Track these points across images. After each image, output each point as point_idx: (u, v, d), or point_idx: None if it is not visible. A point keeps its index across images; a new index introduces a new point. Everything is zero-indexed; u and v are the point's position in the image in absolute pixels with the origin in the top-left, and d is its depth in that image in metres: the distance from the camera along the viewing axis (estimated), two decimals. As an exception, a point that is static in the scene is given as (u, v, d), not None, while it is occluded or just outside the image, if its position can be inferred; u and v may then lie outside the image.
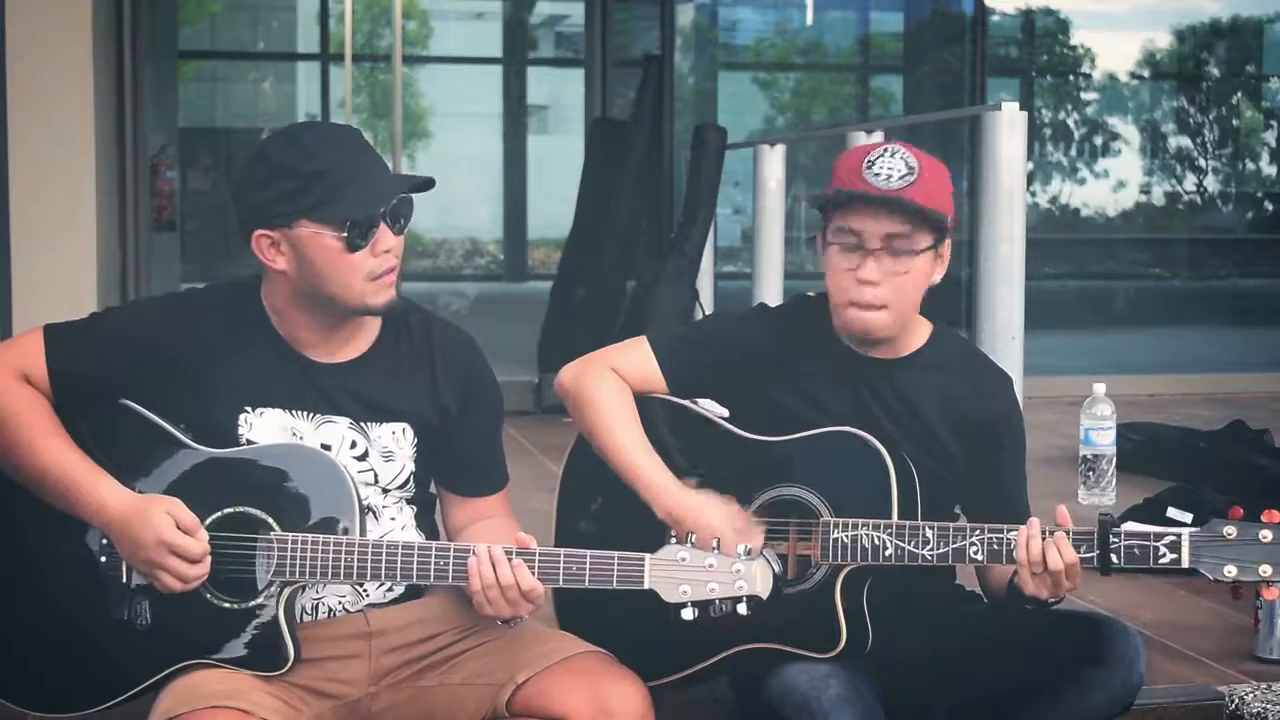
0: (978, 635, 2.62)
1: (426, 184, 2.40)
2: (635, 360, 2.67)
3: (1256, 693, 2.91)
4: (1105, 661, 2.48)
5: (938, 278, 2.59)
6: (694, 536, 2.30)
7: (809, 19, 11.82)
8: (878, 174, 2.51)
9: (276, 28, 12.12)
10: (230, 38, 11.78)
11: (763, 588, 2.25)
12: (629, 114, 7.63)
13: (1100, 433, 4.58)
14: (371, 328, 2.48)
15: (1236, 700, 2.90)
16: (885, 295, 2.52)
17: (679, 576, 2.26)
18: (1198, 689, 3.00)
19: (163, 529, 2.27)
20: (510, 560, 2.29)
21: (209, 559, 2.30)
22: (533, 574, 2.30)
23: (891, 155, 2.53)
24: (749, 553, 2.26)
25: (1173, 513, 3.70)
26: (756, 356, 2.65)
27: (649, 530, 2.54)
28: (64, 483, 2.32)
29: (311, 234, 2.34)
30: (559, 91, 11.33)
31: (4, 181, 6.60)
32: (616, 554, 2.30)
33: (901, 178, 2.50)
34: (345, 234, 2.33)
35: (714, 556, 2.26)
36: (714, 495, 2.50)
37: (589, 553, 2.32)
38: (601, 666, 2.40)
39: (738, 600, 2.25)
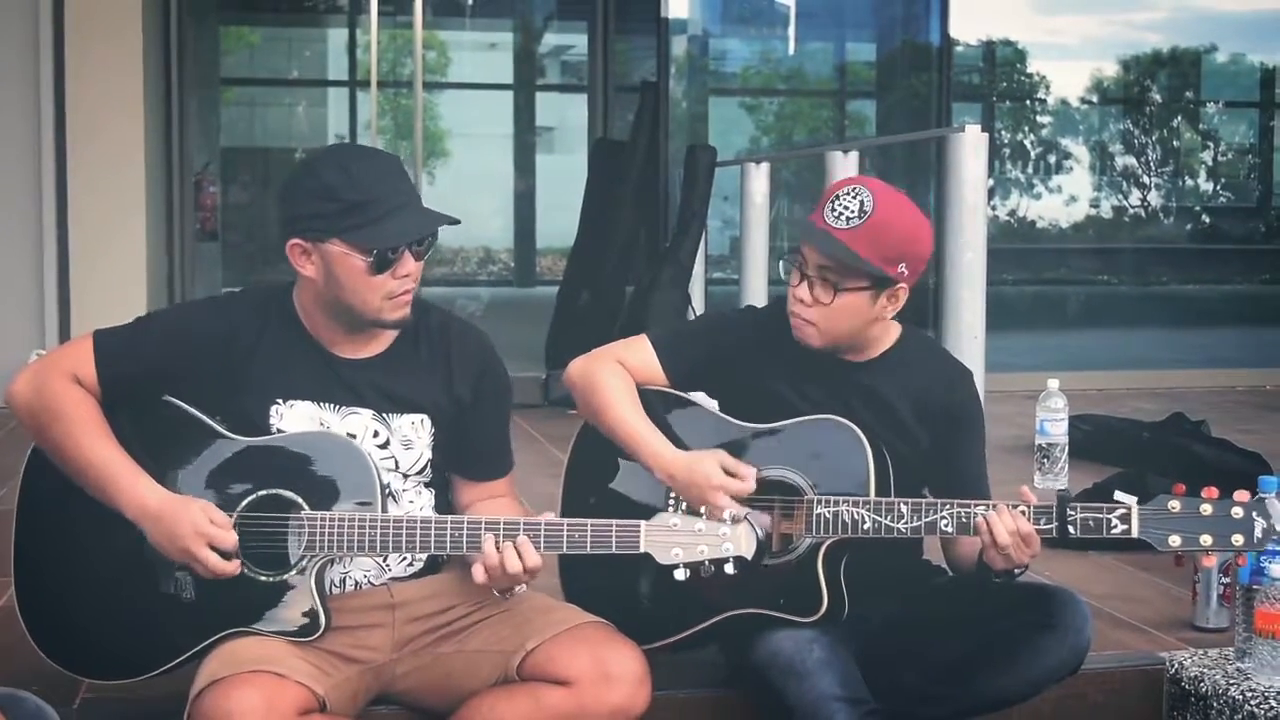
0: (942, 604, 2.63)
1: (452, 222, 2.39)
2: (637, 354, 2.67)
3: (1194, 658, 2.91)
4: (1056, 628, 2.49)
5: (887, 314, 2.56)
6: (684, 505, 2.29)
7: (791, 49, 11.80)
8: (833, 210, 2.49)
9: (309, 57, 12.10)
10: (267, 66, 11.77)
11: (747, 549, 2.25)
12: (628, 135, 7.62)
13: (1054, 423, 4.57)
14: (393, 327, 2.47)
15: (1176, 665, 2.90)
16: (813, 316, 2.53)
17: (671, 540, 2.27)
18: (1141, 655, 3.00)
19: (200, 522, 2.28)
20: (514, 541, 2.29)
21: (237, 560, 2.30)
22: (538, 549, 2.31)
23: (853, 196, 2.49)
24: (734, 518, 2.26)
25: (1119, 496, 3.68)
26: (745, 350, 2.65)
27: (643, 510, 2.54)
28: (105, 478, 2.32)
29: (341, 252, 2.33)
30: (564, 114, 11.30)
31: (63, 196, 6.61)
32: (615, 522, 2.31)
33: (849, 220, 2.47)
34: (371, 258, 2.33)
35: (702, 522, 2.26)
36: (705, 451, 2.50)
37: (589, 521, 2.32)
38: (603, 635, 2.40)
39: (725, 561, 2.25)
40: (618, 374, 2.63)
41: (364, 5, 9.11)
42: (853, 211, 2.48)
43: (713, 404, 2.70)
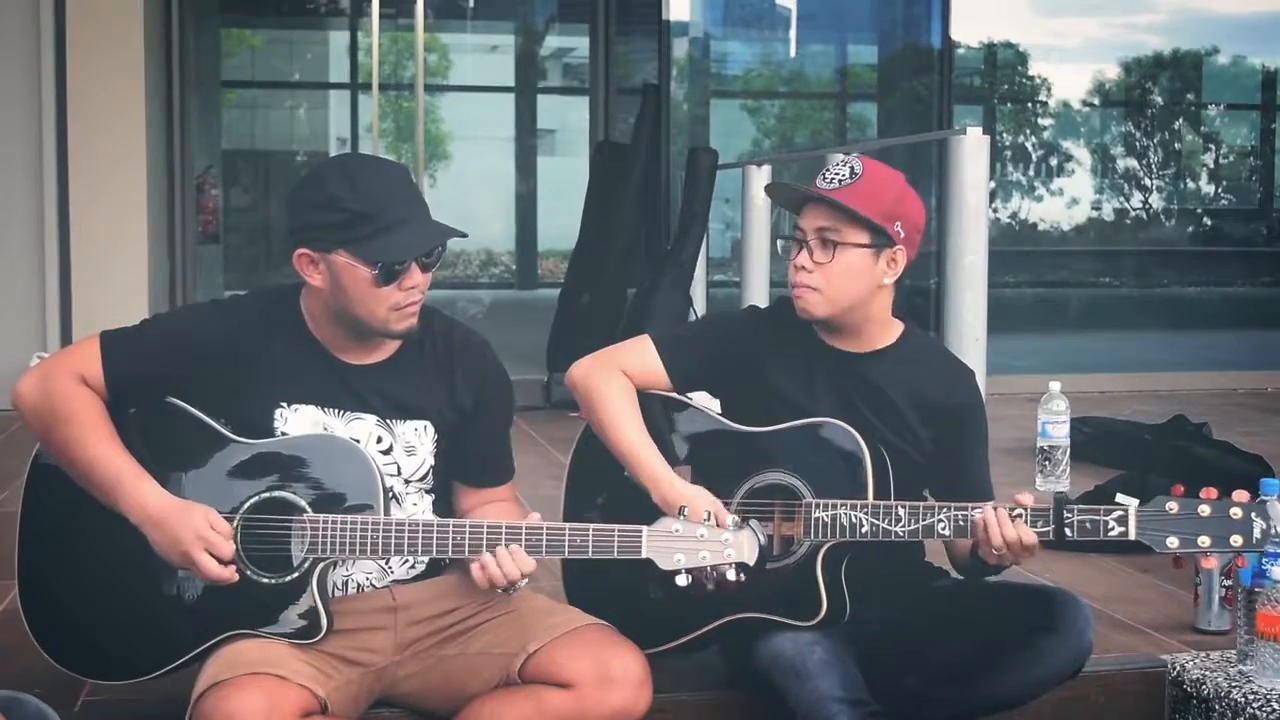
0: (943, 606, 2.63)
1: (459, 235, 2.39)
2: (640, 356, 2.67)
3: (1195, 661, 2.91)
4: (1058, 630, 2.49)
5: (886, 280, 2.59)
6: (686, 509, 2.29)
7: (792, 51, 11.82)
8: (824, 176, 2.57)
9: (310, 60, 12.11)
10: (269, 68, 11.77)
11: (749, 555, 2.25)
12: (629, 137, 7.62)
13: (1055, 426, 4.58)
14: (398, 333, 2.47)
15: (1178, 668, 2.90)
16: (816, 280, 2.55)
17: (673, 546, 2.27)
18: (1142, 658, 3.00)
19: (200, 528, 2.28)
20: (507, 547, 2.30)
21: (234, 567, 2.30)
22: (541, 554, 2.31)
23: (843, 163, 2.57)
24: (736, 524, 2.27)
25: (1120, 498, 3.69)
26: (748, 350, 2.66)
27: (646, 514, 2.54)
28: (109, 480, 2.32)
29: (346, 263, 2.33)
30: (566, 117, 11.31)
31: (65, 199, 6.61)
32: (616, 527, 2.31)
33: (841, 181, 2.54)
34: (377, 271, 2.33)
35: (704, 528, 2.26)
36: (703, 490, 2.51)
37: (591, 526, 2.33)
38: (604, 637, 2.40)
39: (727, 567, 2.25)
40: (620, 385, 2.63)
41: (365, 8, 9.11)
42: (844, 174, 2.55)
43: (715, 404, 2.71)
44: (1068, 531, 2.42)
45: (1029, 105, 12.52)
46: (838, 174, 2.55)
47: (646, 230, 7.48)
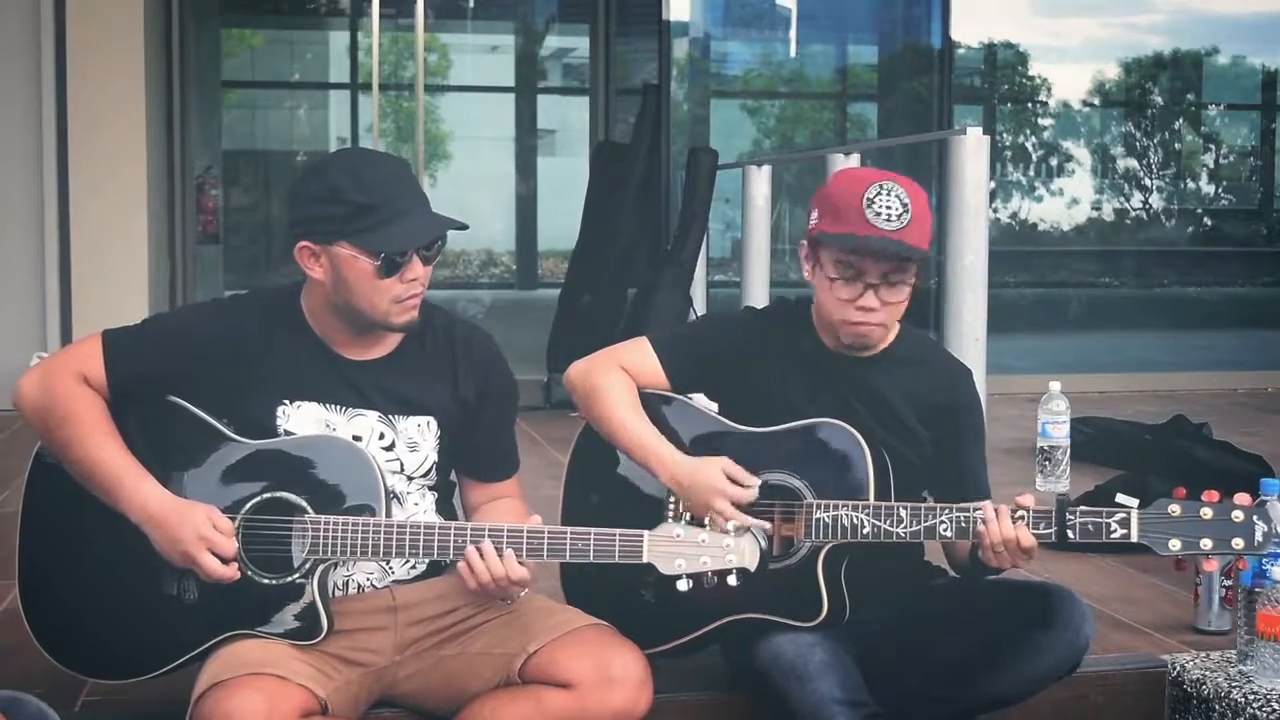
0: (942, 605, 2.64)
1: (460, 227, 2.39)
2: (637, 357, 2.67)
3: (1195, 661, 2.91)
4: (1055, 627, 2.50)
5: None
6: (687, 515, 2.30)
7: (793, 51, 11.82)
8: (879, 213, 2.48)
9: (310, 60, 12.11)
10: (269, 68, 11.76)
11: (750, 560, 2.25)
12: (629, 137, 7.62)
13: (1056, 426, 4.58)
14: (400, 328, 2.47)
15: (1178, 668, 2.90)
16: (882, 318, 2.54)
17: (674, 551, 2.27)
18: (1143, 658, 3.00)
19: (202, 527, 2.28)
20: (500, 553, 2.30)
21: (235, 566, 2.31)
22: (541, 557, 2.31)
23: (888, 193, 2.49)
24: (738, 530, 2.27)
25: (1121, 498, 3.68)
26: (745, 352, 2.66)
27: (645, 514, 2.55)
28: (110, 480, 2.32)
29: (349, 255, 2.34)
30: (566, 117, 11.31)
31: (65, 199, 6.61)
32: (618, 531, 2.30)
33: (899, 217, 2.48)
34: (379, 262, 2.33)
35: (705, 533, 2.27)
36: (708, 458, 2.50)
37: (593, 530, 2.32)
38: (604, 638, 2.40)
39: (728, 572, 2.26)
40: (619, 379, 2.63)
41: (365, 8, 9.10)
42: (897, 209, 2.49)
43: (712, 406, 2.71)
44: (1070, 533, 2.42)
45: (1029, 105, 12.52)
46: (891, 209, 2.48)
47: (646, 230, 7.47)
